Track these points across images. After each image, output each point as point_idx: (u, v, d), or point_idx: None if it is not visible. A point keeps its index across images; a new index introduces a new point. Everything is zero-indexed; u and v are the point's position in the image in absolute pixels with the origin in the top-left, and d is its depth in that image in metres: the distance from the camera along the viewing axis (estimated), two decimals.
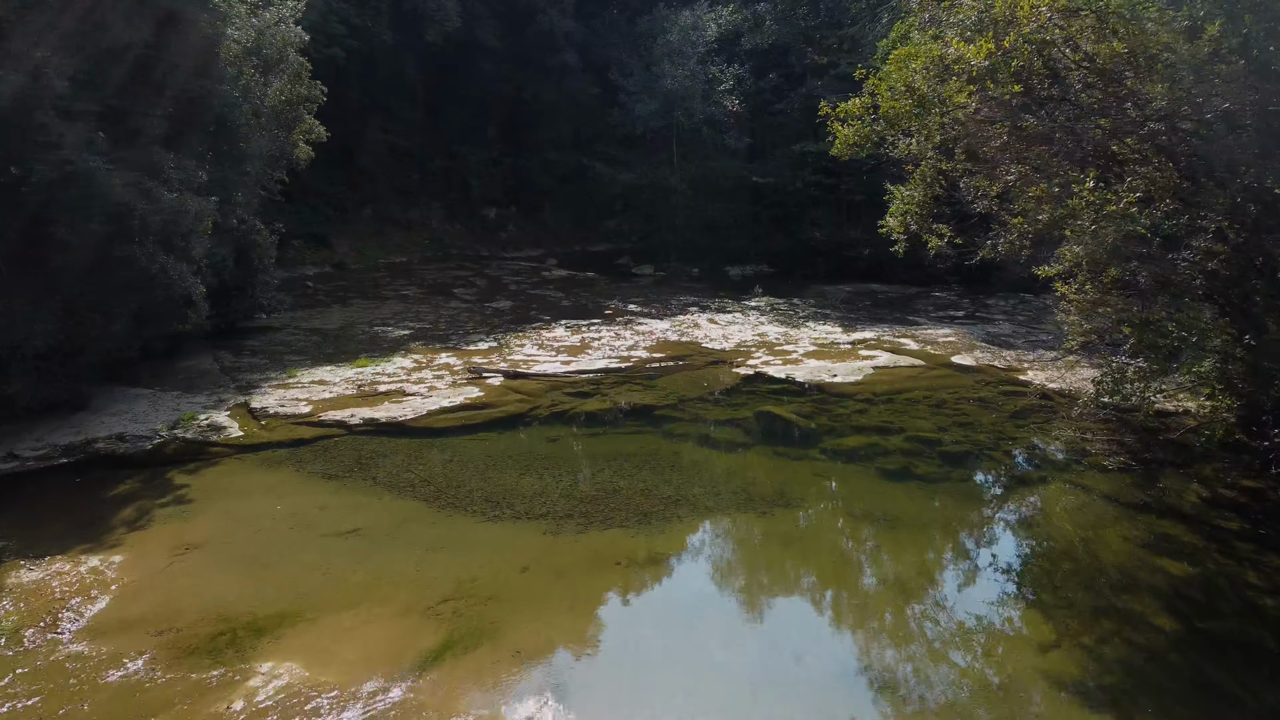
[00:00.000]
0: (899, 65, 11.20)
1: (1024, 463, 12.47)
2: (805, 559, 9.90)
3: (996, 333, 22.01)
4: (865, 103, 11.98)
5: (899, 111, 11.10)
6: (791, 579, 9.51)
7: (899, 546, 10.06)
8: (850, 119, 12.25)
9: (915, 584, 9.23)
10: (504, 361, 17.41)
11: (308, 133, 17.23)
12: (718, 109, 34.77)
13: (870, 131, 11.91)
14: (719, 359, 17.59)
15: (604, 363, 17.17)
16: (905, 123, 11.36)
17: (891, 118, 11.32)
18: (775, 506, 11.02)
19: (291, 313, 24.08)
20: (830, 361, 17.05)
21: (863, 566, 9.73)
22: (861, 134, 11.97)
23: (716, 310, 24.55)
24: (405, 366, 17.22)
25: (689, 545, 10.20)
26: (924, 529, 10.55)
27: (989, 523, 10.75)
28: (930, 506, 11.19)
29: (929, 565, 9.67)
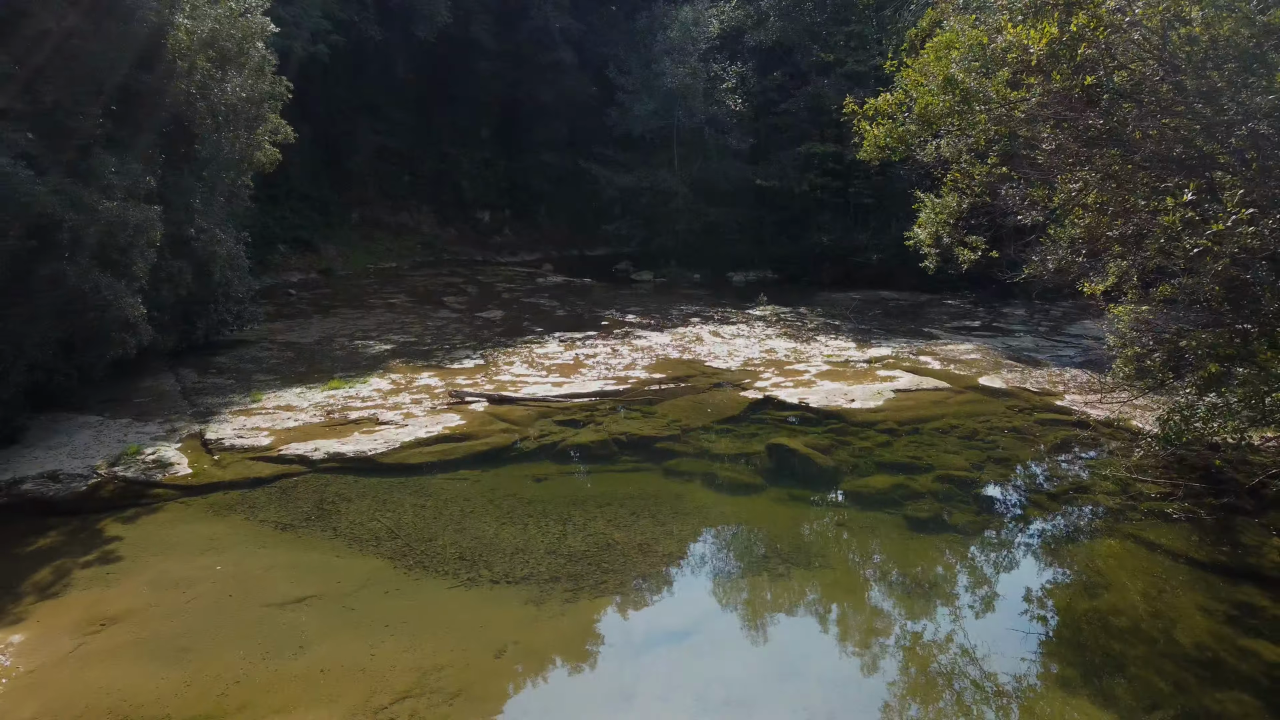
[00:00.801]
0: (936, 55, 9.62)
1: (1074, 509, 10.91)
2: (830, 640, 8.35)
3: (1019, 347, 20.44)
4: (898, 99, 10.40)
5: (937, 109, 9.53)
6: (816, 668, 7.95)
7: (935, 621, 8.51)
8: (880, 117, 10.66)
9: (958, 671, 7.68)
10: (489, 383, 15.85)
11: (273, 133, 15.66)
12: (720, 108, 33.18)
13: (904, 132, 10.33)
14: (724, 380, 16.03)
15: (599, 384, 15.61)
16: (945, 122, 9.79)
17: (929, 116, 9.75)
18: (793, 567, 9.47)
19: (270, 324, 22.54)
20: (846, 384, 15.48)
21: (895, 650, 8.17)
22: (894, 134, 10.39)
23: (720, 321, 22.99)
24: (382, 388, 15.66)
25: (696, 619, 8.65)
26: (964, 596, 9.00)
27: (1041, 590, 9.19)
28: (970, 566, 9.65)
29: (973, 648, 8.10)
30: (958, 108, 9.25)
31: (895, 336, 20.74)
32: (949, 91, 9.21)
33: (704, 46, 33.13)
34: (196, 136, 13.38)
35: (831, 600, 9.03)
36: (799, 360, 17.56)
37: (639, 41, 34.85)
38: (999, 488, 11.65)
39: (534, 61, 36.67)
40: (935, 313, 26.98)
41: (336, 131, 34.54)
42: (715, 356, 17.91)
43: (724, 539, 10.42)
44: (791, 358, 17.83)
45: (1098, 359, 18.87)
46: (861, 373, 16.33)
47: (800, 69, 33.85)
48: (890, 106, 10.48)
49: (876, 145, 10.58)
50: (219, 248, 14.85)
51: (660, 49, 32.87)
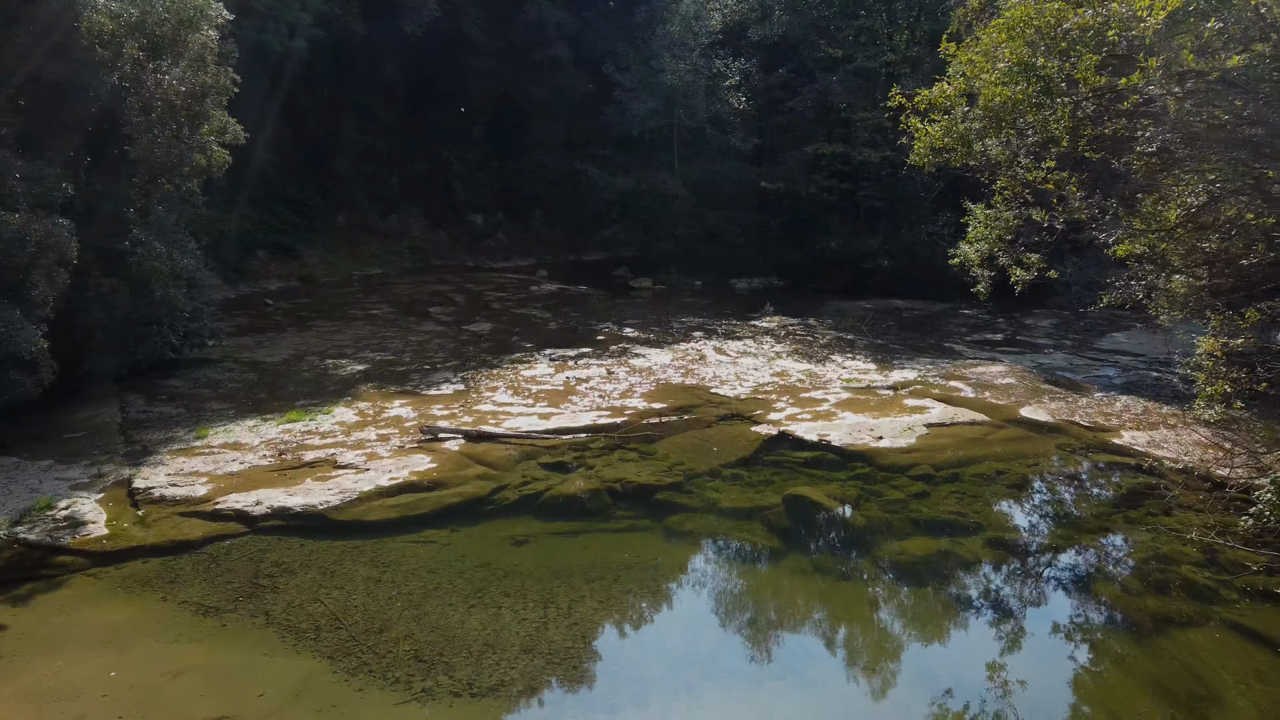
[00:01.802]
0: (1009, 33, 7.67)
1: (1154, 587, 8.98)
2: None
3: (1052, 365, 18.53)
4: (957, 88, 8.46)
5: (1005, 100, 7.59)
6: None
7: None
8: (936, 112, 8.72)
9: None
10: (468, 414, 13.91)
11: (220, 132, 13.73)
12: (722, 107, 31.22)
13: (965, 130, 8.40)
14: (733, 411, 14.09)
15: (591, 416, 13.67)
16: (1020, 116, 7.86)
17: (997, 110, 7.81)
18: (821, 673, 7.56)
19: (238, 338, 20.63)
20: (871, 416, 13.55)
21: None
22: (954, 133, 8.46)
23: (724, 336, 21.06)
24: (346, 421, 13.73)
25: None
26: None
27: (1126, 703, 7.27)
28: (1045, 676, 7.73)
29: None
30: (1035, 99, 7.33)
31: (917, 356, 18.79)
32: (1024, 79, 7.29)
33: (705, 42, 31.15)
34: (127, 136, 11.47)
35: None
36: (815, 386, 15.62)
37: (637, 37, 32.88)
38: (1062, 556, 9.74)
39: (527, 58, 34.69)
40: (953, 324, 25.07)
41: (321, 131, 32.58)
42: (722, 380, 15.98)
43: (739, 633, 8.51)
44: (807, 382, 15.90)
45: (1141, 381, 16.99)
46: (887, 402, 14.39)
47: (806, 65, 31.88)
48: (948, 99, 8.55)
49: (931, 147, 8.67)
50: (159, 262, 12.91)
51: (660, 44, 30.90)
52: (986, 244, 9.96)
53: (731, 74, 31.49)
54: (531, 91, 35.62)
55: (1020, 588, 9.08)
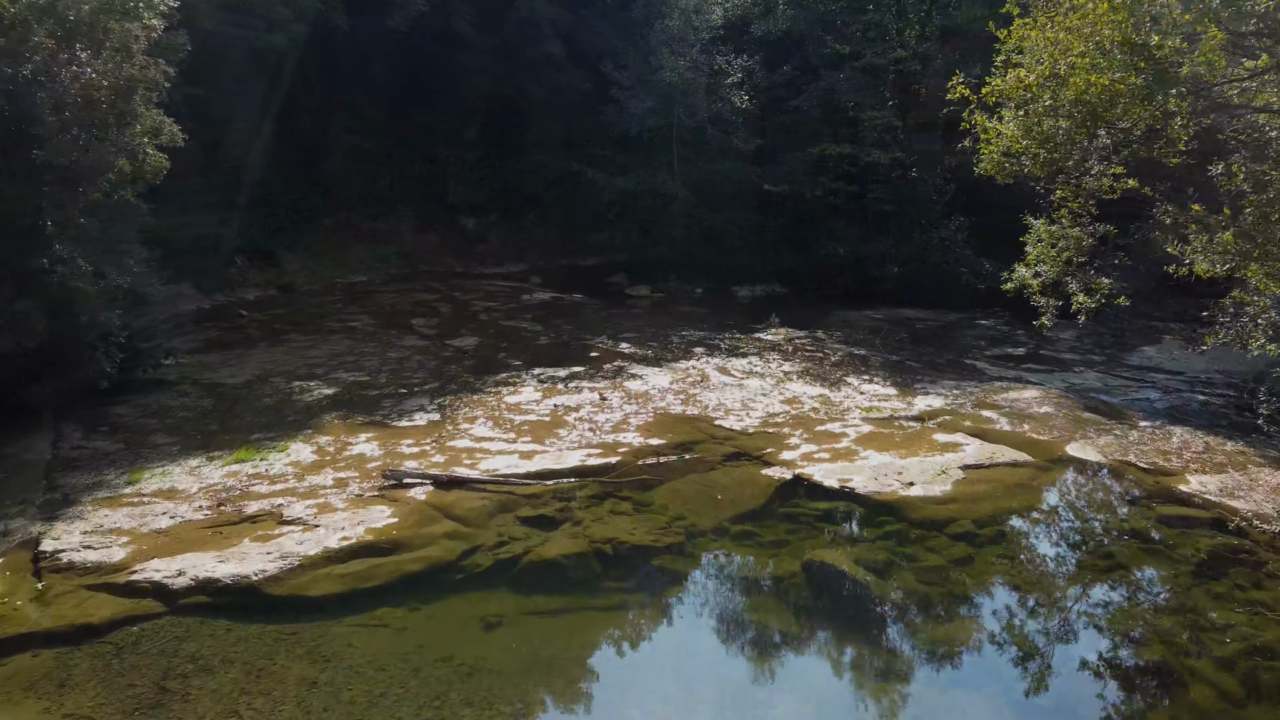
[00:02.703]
0: (1109, 2, 5.88)
1: (1262, 693, 7.25)
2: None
3: (1086, 388, 16.83)
4: (1040, 74, 6.66)
5: (1103, 91, 5.83)
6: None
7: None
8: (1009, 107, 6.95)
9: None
10: (441, 451, 12.16)
11: (155, 133, 11.96)
12: (723, 106, 29.38)
13: (1051, 129, 6.62)
14: (741, 449, 12.32)
15: (580, 455, 11.92)
16: (1124, 110, 6.11)
17: (1092, 103, 6.05)
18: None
19: (202, 355, 18.92)
20: (898, 455, 11.80)
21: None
22: (1036, 132, 6.67)
23: (728, 352, 19.30)
24: (302, 461, 11.98)
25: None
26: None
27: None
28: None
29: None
30: (1145, 88, 5.59)
31: (939, 377, 17.04)
32: (1132, 59, 5.54)
33: (706, 37, 29.32)
34: (38, 138, 9.73)
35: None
36: (831, 415, 13.86)
37: (635, 33, 31.03)
38: (1140, 648, 7.99)
39: (521, 55, 32.82)
40: (970, 337, 23.35)
41: (307, 131, 30.73)
42: (727, 409, 14.21)
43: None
44: (821, 411, 14.14)
45: (1187, 407, 15.26)
46: (914, 437, 12.64)
47: (811, 62, 30.06)
48: (1026, 88, 6.76)
49: (1004, 151, 6.90)
50: (85, 281, 11.15)
51: (658, 40, 29.07)
52: (1052, 267, 8.25)
53: (733, 71, 29.68)
54: (526, 90, 33.77)
55: (1091, 690, 7.35)
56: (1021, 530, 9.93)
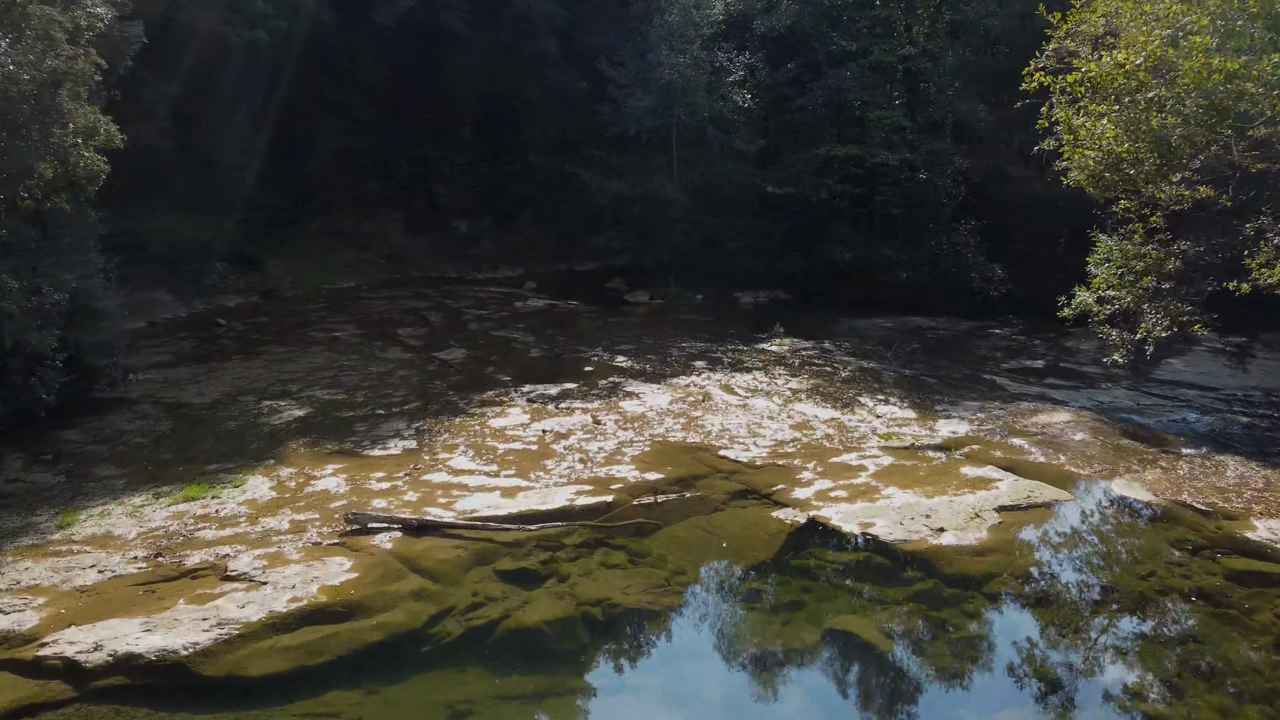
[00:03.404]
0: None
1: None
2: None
3: (1116, 407, 15.50)
4: (1150, 54, 5.29)
5: (1228, 77, 4.49)
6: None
7: None
8: (1099, 99, 5.58)
9: None
10: (414, 488, 10.83)
11: (89, 133, 10.59)
12: (725, 105, 27.99)
13: (1161, 126, 5.24)
14: (748, 486, 10.98)
15: (569, 493, 10.58)
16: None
17: (1221, 96, 4.70)
18: None
19: (171, 370, 17.63)
20: (924, 493, 10.46)
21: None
22: (1142, 132, 5.29)
23: (731, 367, 17.96)
24: (258, 498, 10.65)
25: None
26: None
27: None
28: None
29: None
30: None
31: (959, 396, 15.68)
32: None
33: (707, 33, 27.95)
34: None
35: None
36: (846, 443, 12.51)
37: (633, 29, 29.63)
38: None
39: (515, 53, 31.44)
40: (985, 348, 22.01)
41: (293, 132, 29.34)
42: (732, 437, 12.86)
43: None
44: (835, 438, 12.79)
45: (1229, 430, 13.91)
46: (940, 471, 11.29)
47: (817, 60, 28.69)
48: (1129, 74, 5.40)
49: (1102, 159, 5.53)
50: (9, 300, 9.82)
51: (657, 36, 27.69)
52: (1127, 293, 6.91)
53: (735, 69, 28.31)
54: (520, 89, 32.41)
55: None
56: (1071, 589, 8.60)
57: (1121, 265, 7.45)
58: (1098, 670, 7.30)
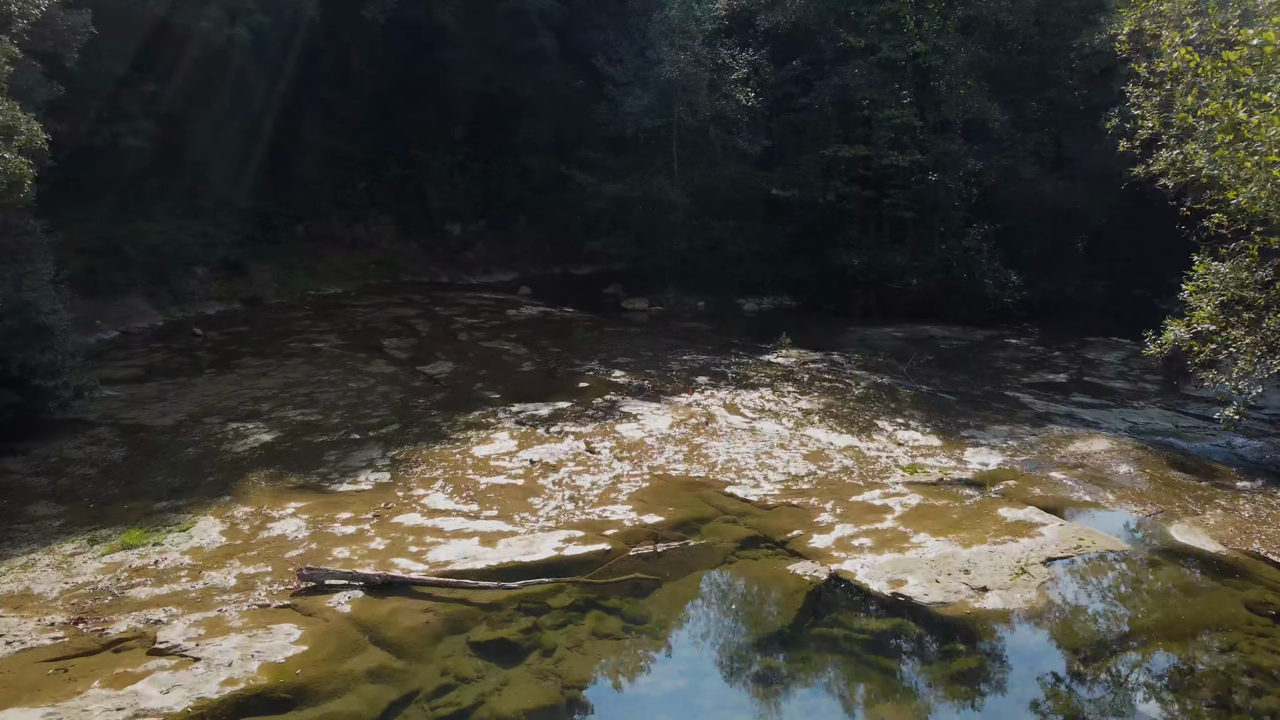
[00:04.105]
0: None
1: None
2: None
3: (1153, 429, 14.23)
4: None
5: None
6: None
7: None
8: None
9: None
10: (382, 533, 9.51)
11: (7, 133, 9.25)
12: (728, 104, 26.67)
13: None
14: (759, 531, 9.66)
15: (558, 539, 9.27)
16: None
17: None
18: None
19: (138, 386, 16.35)
20: (959, 541, 9.13)
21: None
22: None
23: (736, 382, 16.65)
24: (205, 546, 9.33)
25: None
26: None
27: None
28: None
29: None
30: None
31: (985, 419, 14.35)
32: None
33: (709, 28, 26.60)
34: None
35: None
36: (867, 478, 11.19)
37: (632, 25, 28.28)
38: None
39: (510, 50, 30.08)
40: (1003, 360, 20.72)
41: (277, 132, 27.97)
42: (739, 469, 11.54)
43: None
44: (854, 470, 11.47)
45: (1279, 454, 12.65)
46: (974, 513, 9.98)
47: (823, 57, 27.38)
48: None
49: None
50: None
51: (657, 32, 26.35)
52: (1245, 333, 5.57)
53: (738, 66, 26.98)
54: (515, 87, 31.03)
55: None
56: (1142, 669, 7.30)
57: (1228, 293, 6.20)
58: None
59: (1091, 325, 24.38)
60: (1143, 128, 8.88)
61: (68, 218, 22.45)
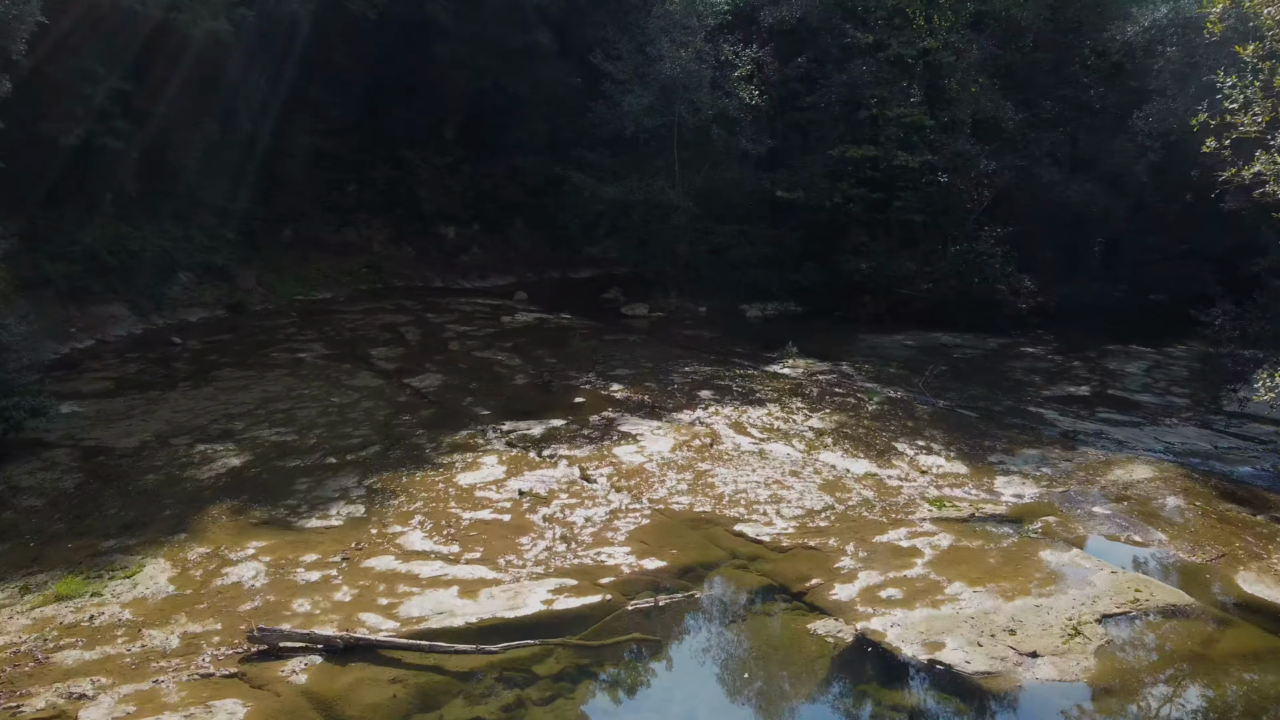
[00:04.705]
0: None
1: None
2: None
3: (1191, 450, 13.17)
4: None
5: None
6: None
7: None
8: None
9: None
10: (351, 581, 8.41)
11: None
12: (730, 102, 25.57)
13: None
14: (773, 578, 8.55)
15: (547, 590, 8.17)
16: None
17: None
18: None
19: (105, 401, 15.27)
20: (1000, 593, 8.04)
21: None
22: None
23: (741, 397, 15.57)
24: (150, 595, 8.24)
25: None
26: None
27: None
28: None
29: None
30: None
31: (1014, 441, 13.24)
32: None
33: (712, 23, 25.48)
34: None
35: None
36: (890, 513, 10.09)
37: (631, 19, 27.16)
38: None
39: (504, 46, 28.95)
40: (1020, 370, 19.65)
41: (264, 132, 26.87)
42: (749, 501, 10.44)
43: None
44: (875, 504, 10.37)
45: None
46: (1014, 556, 8.88)
47: (830, 54, 26.28)
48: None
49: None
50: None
51: (657, 27, 25.23)
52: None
53: (742, 63, 25.87)
54: (509, 85, 29.91)
55: None
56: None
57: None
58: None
59: (1109, 333, 23.32)
60: (1245, 122, 7.78)
61: (41, 223, 21.51)
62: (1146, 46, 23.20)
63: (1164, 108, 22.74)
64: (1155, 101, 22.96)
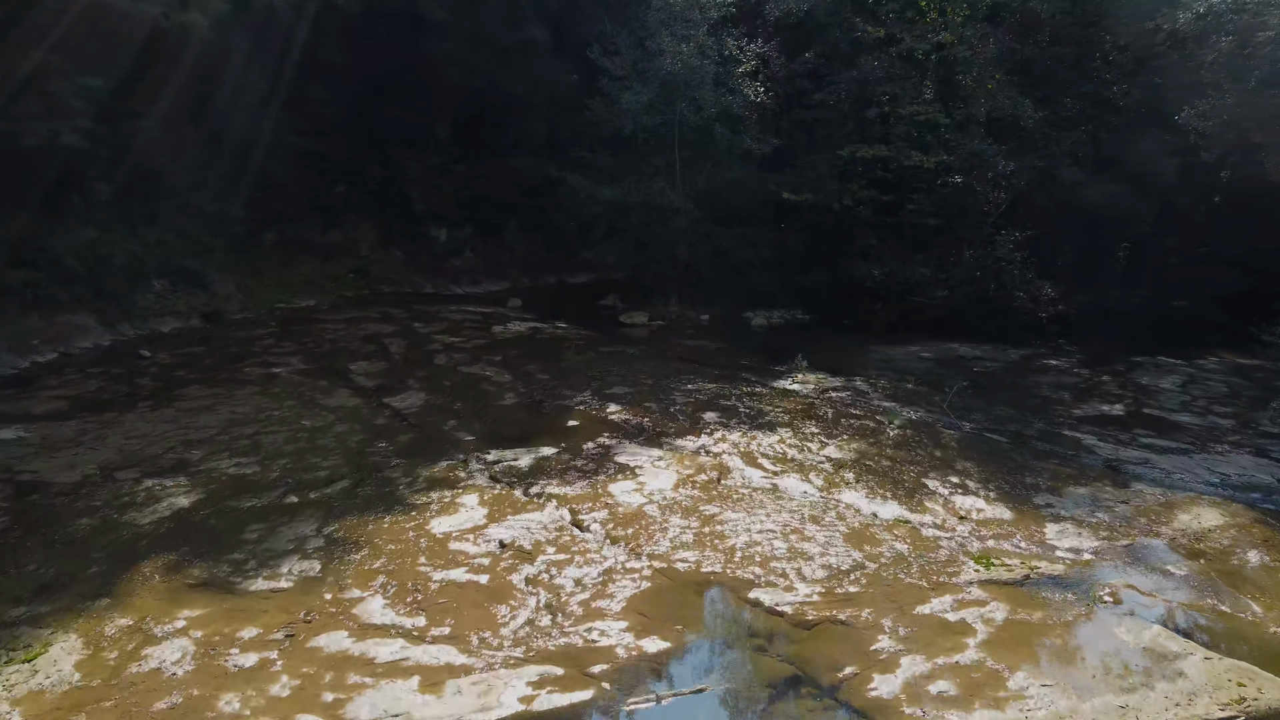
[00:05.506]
0: None
1: None
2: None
3: (1254, 484, 11.75)
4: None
5: None
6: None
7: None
8: None
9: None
10: (291, 667, 6.94)
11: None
12: (734, 99, 24.08)
13: None
14: (797, 664, 7.08)
15: (525, 684, 6.71)
16: None
17: None
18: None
19: (54, 425, 13.74)
20: (1071, 687, 6.58)
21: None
22: None
23: (749, 420, 14.12)
24: (47, 689, 6.78)
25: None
26: None
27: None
28: None
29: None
30: None
31: (1058, 477, 11.77)
32: None
33: (714, 16, 24.00)
34: None
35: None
36: (929, 571, 8.61)
37: (630, 14, 25.68)
38: None
39: (498, 42, 27.46)
40: (1046, 386, 18.19)
41: (245, 130, 25.38)
42: (764, 557, 8.96)
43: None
44: (911, 560, 8.89)
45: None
46: (1082, 633, 7.41)
47: (838, 49, 24.80)
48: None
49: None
50: None
51: (657, 20, 23.74)
52: None
53: (746, 59, 24.38)
54: (504, 82, 28.41)
55: None
56: None
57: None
58: None
59: (1134, 342, 21.92)
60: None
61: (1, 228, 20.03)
62: (1198, 36, 21.62)
63: (1219, 104, 21.19)
64: (1210, 96, 21.41)
